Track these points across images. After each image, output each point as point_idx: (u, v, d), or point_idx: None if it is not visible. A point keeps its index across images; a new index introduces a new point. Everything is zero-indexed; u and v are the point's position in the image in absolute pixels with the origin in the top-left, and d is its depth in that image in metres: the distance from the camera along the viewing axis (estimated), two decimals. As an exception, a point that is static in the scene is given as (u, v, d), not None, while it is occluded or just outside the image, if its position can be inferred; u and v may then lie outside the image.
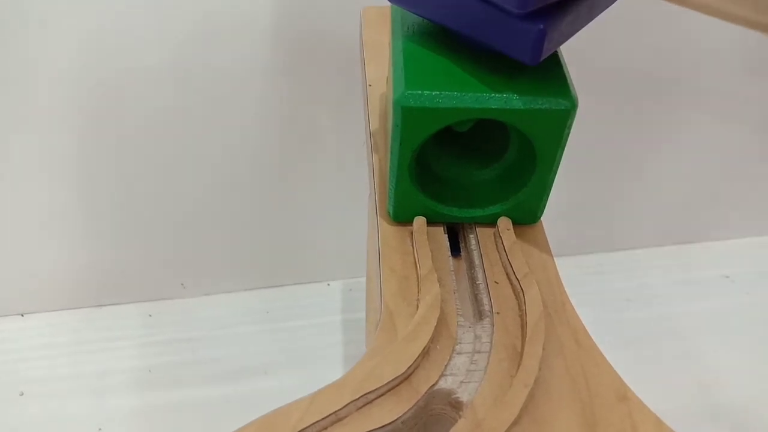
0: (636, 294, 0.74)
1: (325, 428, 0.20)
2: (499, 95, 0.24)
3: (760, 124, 0.69)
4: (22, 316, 0.67)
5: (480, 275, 0.26)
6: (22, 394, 0.60)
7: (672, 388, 0.64)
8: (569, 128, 0.25)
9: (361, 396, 0.21)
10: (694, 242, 0.79)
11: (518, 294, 0.25)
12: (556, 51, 0.26)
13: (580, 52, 0.25)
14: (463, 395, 0.22)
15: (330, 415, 0.20)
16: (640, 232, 0.77)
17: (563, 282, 0.26)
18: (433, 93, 0.24)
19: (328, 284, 0.72)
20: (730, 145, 0.71)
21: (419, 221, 0.27)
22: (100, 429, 0.58)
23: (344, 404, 0.20)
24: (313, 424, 0.20)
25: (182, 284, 0.69)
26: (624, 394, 0.22)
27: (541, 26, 0.22)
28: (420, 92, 0.23)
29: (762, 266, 0.77)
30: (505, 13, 0.22)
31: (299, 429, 0.20)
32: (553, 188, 0.27)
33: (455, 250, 0.28)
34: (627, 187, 0.73)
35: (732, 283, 0.75)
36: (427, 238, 0.27)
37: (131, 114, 0.55)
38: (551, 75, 0.25)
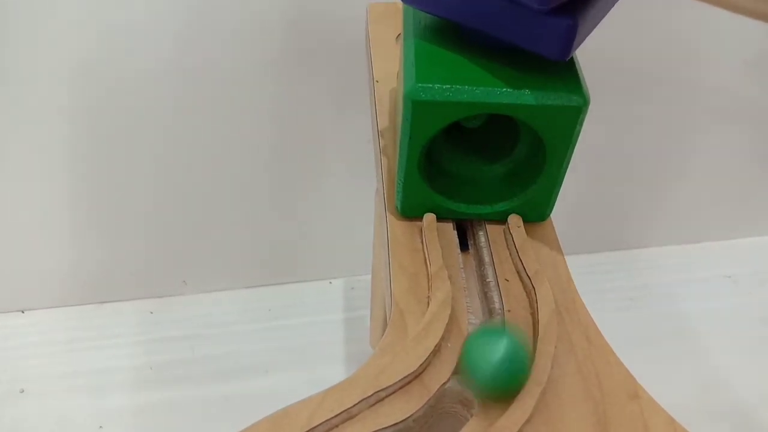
0: (639, 293, 0.73)
1: (336, 426, 0.20)
2: (511, 90, 0.24)
3: (763, 125, 0.69)
4: (23, 312, 0.67)
5: (490, 273, 0.26)
6: (22, 392, 0.60)
7: (674, 387, 0.63)
8: (581, 125, 0.24)
9: (373, 394, 0.20)
10: (696, 242, 0.79)
11: (529, 292, 0.25)
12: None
13: (582, 51, 0.24)
14: (475, 393, 0.22)
15: (341, 412, 0.20)
16: (643, 232, 0.77)
17: (568, 281, 0.26)
18: (444, 87, 0.23)
19: (330, 282, 0.72)
20: (734, 145, 0.71)
21: (429, 218, 0.27)
22: (100, 426, 0.58)
23: (355, 402, 0.20)
24: (325, 421, 0.20)
25: (184, 281, 0.69)
26: (636, 393, 0.22)
27: (570, 21, 0.22)
28: (431, 86, 0.23)
29: (764, 266, 0.77)
30: (527, 9, 0.22)
31: (310, 426, 0.19)
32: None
33: (463, 246, 0.28)
34: (630, 187, 0.72)
35: (734, 284, 0.75)
36: (437, 234, 0.26)
37: (132, 111, 0.55)
38: (563, 71, 0.24)
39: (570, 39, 0.22)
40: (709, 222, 0.78)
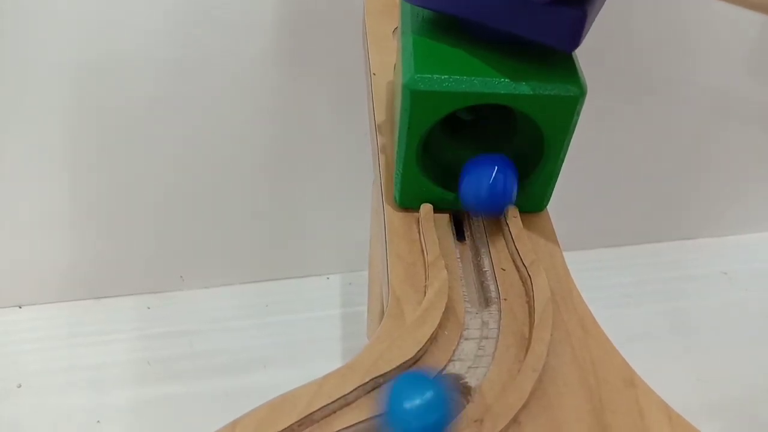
0: (635, 290, 0.74)
1: (334, 411, 0.20)
2: (508, 80, 0.24)
3: (758, 122, 0.70)
4: (20, 307, 0.67)
5: (486, 262, 0.26)
6: (19, 386, 0.60)
7: (670, 383, 0.63)
8: (578, 115, 0.25)
9: (370, 380, 0.21)
10: (692, 239, 0.80)
11: (525, 280, 0.25)
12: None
13: (580, 48, 0.25)
14: (471, 380, 0.22)
15: (339, 398, 0.20)
16: (639, 229, 0.78)
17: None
18: (443, 77, 0.23)
19: (327, 278, 0.72)
20: (729, 142, 0.71)
21: (426, 208, 0.27)
22: (98, 421, 0.58)
23: (353, 388, 0.20)
24: (322, 407, 0.20)
25: (181, 277, 0.69)
26: (631, 380, 0.22)
27: (580, 12, 0.22)
28: (429, 76, 0.23)
29: (760, 263, 0.78)
30: (530, 1, 0.22)
31: (308, 412, 0.19)
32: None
33: (459, 236, 0.28)
34: (625, 183, 0.73)
35: (730, 280, 0.76)
36: (433, 225, 0.27)
37: (129, 107, 0.55)
38: (561, 62, 0.25)
39: (579, 29, 0.22)
40: (704, 218, 0.78)
